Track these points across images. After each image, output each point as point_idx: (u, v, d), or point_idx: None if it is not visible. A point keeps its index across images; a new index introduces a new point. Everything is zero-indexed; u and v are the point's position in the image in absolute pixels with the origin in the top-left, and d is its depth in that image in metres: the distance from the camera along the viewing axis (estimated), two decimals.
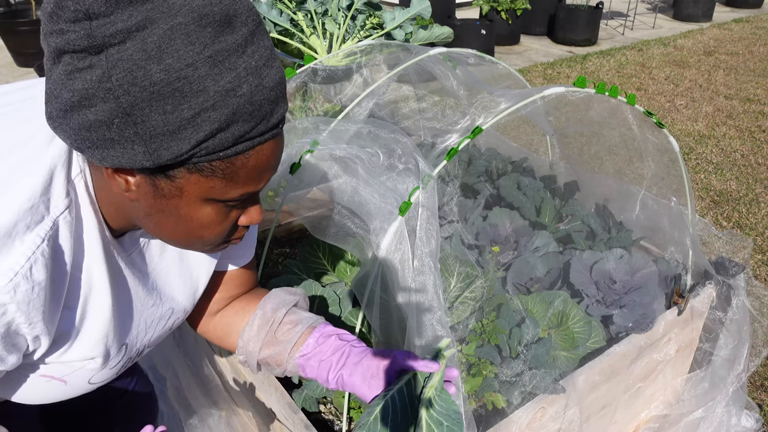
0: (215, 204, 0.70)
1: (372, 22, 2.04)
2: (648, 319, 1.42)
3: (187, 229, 0.72)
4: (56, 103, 0.60)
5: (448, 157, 1.17)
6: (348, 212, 1.23)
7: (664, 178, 1.54)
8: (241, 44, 0.61)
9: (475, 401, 1.25)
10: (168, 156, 0.61)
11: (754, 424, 1.67)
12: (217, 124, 0.61)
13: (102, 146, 0.61)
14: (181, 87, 0.58)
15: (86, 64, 0.57)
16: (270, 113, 0.65)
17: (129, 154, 0.61)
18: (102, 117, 0.59)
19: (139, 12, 0.57)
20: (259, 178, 0.69)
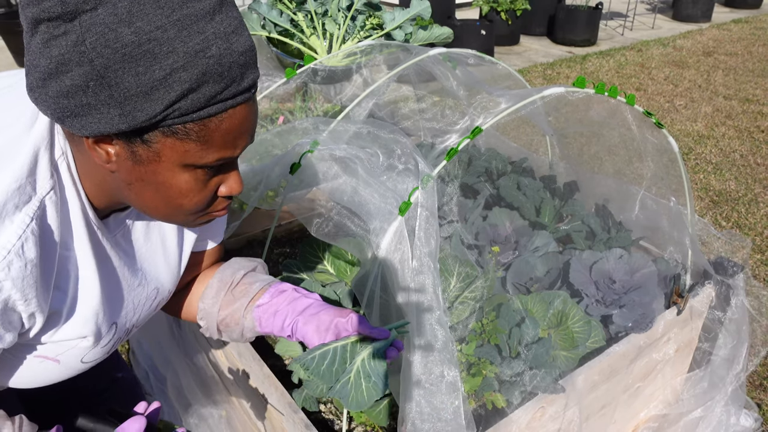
0: (193, 170, 0.71)
1: (372, 23, 2.04)
2: (647, 318, 1.42)
3: (166, 197, 0.73)
4: (35, 72, 0.63)
5: (448, 157, 1.18)
6: (348, 212, 1.23)
7: (664, 178, 1.54)
8: (209, 11, 0.63)
9: (475, 401, 1.25)
10: (143, 117, 0.63)
11: (753, 423, 1.68)
12: (187, 84, 0.62)
13: (80, 113, 0.63)
14: (152, 48, 0.60)
15: (61, 31, 0.60)
16: (240, 77, 0.66)
17: (106, 118, 0.63)
18: (78, 81, 0.61)
19: None
20: (234, 144, 0.71)
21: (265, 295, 1.01)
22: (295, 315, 0.98)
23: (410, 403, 1.07)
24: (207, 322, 1.03)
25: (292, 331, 0.98)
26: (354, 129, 1.37)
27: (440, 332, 1.10)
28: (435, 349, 1.09)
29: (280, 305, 1.00)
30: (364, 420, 1.32)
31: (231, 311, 1.01)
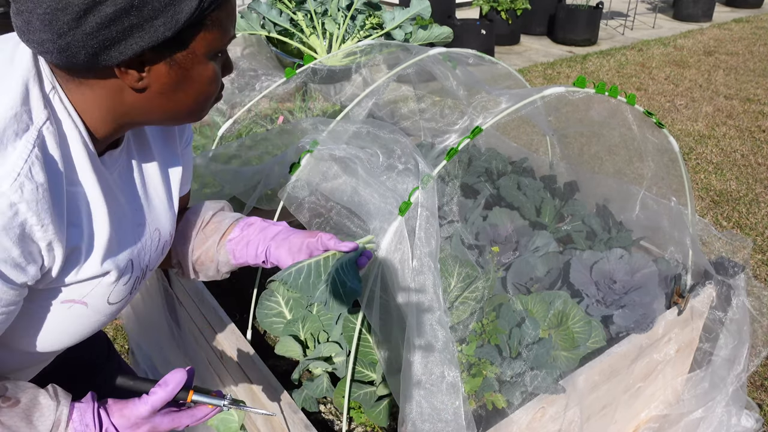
0: (214, 58, 0.78)
1: (371, 22, 2.04)
2: (648, 319, 1.42)
3: (198, 91, 0.79)
4: (64, 15, 0.65)
5: (448, 157, 1.17)
6: (348, 212, 1.23)
7: (664, 178, 1.54)
8: None
9: (475, 401, 1.25)
10: (183, 18, 0.70)
11: (754, 424, 1.67)
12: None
13: (122, 38, 0.68)
14: None
15: None
16: None
17: (150, 32, 0.68)
18: (120, 5, 0.65)
19: None
20: (234, 23, 0.80)
21: (235, 229, 1.05)
22: (266, 242, 1.03)
23: (410, 403, 1.07)
24: (181, 261, 1.07)
25: (266, 257, 1.03)
26: (354, 129, 1.37)
27: (441, 332, 1.10)
28: (435, 350, 1.09)
29: (251, 236, 1.04)
30: (364, 420, 1.32)
31: (204, 249, 1.05)
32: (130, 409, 0.80)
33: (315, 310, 1.43)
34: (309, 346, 1.40)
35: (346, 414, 1.23)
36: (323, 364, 1.34)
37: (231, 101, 2.14)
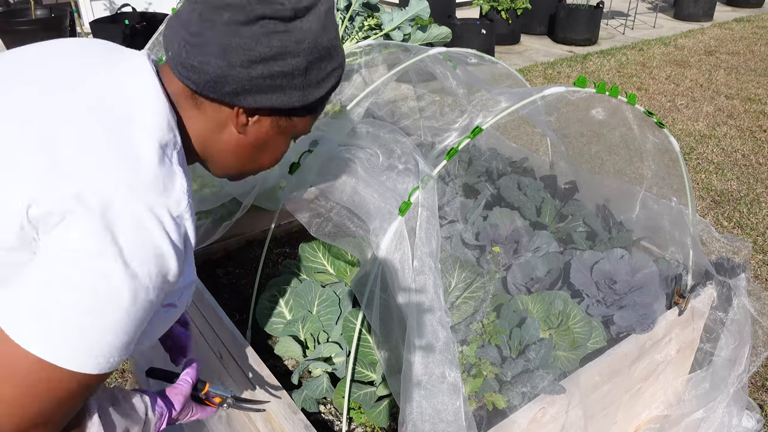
0: (294, 138, 0.91)
1: (370, 24, 2.03)
2: (649, 319, 1.41)
3: (272, 158, 0.91)
4: (242, 54, 0.75)
5: (448, 156, 1.17)
6: (347, 212, 1.23)
7: (665, 178, 1.53)
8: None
9: (476, 402, 1.25)
10: (312, 99, 0.83)
11: (755, 424, 1.67)
12: (337, 79, 0.86)
13: (268, 91, 0.79)
14: (332, 50, 0.83)
15: (283, 29, 0.76)
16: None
17: (287, 98, 0.81)
18: (287, 69, 0.78)
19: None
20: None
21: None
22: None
23: (411, 403, 1.07)
24: None
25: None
26: (354, 128, 1.37)
27: (441, 333, 1.09)
28: (436, 350, 1.09)
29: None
30: (364, 421, 1.31)
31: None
32: (178, 390, 0.98)
33: (315, 310, 1.43)
34: (309, 346, 1.39)
35: (346, 414, 1.23)
36: (323, 365, 1.33)
37: None
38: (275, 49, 0.76)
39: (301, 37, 0.77)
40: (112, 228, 0.67)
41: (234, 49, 0.75)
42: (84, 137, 0.71)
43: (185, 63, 0.78)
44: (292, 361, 1.47)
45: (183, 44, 0.77)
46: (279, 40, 0.76)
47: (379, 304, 1.16)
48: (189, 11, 0.77)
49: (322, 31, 0.79)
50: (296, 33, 0.77)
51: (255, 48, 0.75)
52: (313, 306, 1.42)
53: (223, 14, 0.75)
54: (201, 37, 0.76)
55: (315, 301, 1.43)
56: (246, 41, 0.75)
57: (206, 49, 0.76)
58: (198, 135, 0.85)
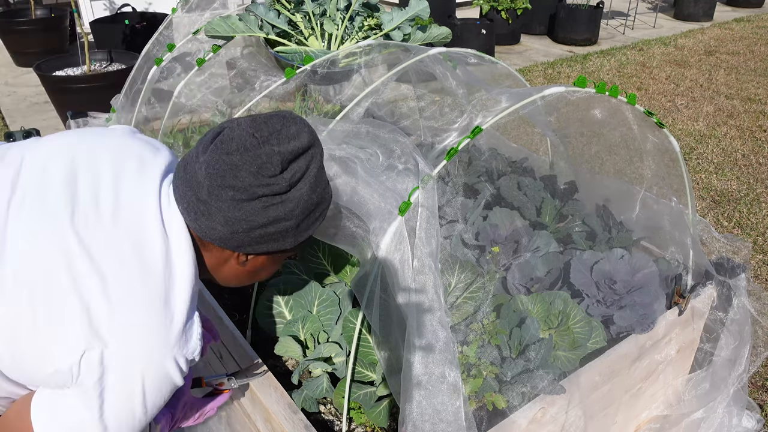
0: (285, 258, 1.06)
1: (370, 24, 2.03)
2: (649, 319, 1.41)
3: (269, 273, 1.06)
4: (244, 224, 0.88)
5: (448, 156, 1.17)
6: (347, 212, 1.22)
7: (665, 178, 1.53)
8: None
9: (476, 402, 1.25)
10: (302, 240, 0.96)
11: (755, 424, 1.67)
12: (325, 215, 0.99)
13: (264, 243, 0.92)
14: (321, 200, 0.95)
15: (279, 201, 0.88)
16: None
17: (280, 244, 0.94)
18: (281, 229, 0.91)
19: (304, 160, 0.90)
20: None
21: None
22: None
23: (411, 403, 1.06)
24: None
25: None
26: (353, 128, 1.37)
27: (441, 333, 1.09)
28: (436, 350, 1.09)
29: None
30: (364, 421, 1.31)
31: None
32: (176, 396, 1.05)
33: (315, 310, 1.43)
34: (309, 346, 1.39)
35: (346, 414, 1.23)
36: (323, 365, 1.33)
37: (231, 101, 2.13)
38: (271, 218, 0.89)
39: (294, 205, 0.90)
40: (144, 379, 0.84)
41: (237, 221, 0.88)
42: (128, 290, 0.84)
43: (194, 222, 0.90)
44: (292, 361, 1.46)
45: (192, 205, 0.89)
46: (275, 210, 0.88)
47: (379, 304, 1.16)
48: (199, 175, 0.87)
49: (312, 192, 0.92)
50: (289, 202, 0.89)
51: (255, 219, 0.88)
52: (313, 306, 1.42)
53: (228, 192, 0.86)
54: (208, 206, 0.87)
55: (315, 301, 1.42)
56: (247, 214, 0.87)
57: (212, 217, 0.88)
58: (207, 265, 0.99)
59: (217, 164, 0.85)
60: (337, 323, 1.40)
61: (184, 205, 0.90)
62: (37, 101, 4.56)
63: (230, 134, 0.87)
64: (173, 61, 2.13)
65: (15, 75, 5.19)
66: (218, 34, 1.96)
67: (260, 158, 0.85)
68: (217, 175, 0.85)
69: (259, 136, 0.87)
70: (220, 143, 0.87)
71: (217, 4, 2.43)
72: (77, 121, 2.43)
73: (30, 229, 0.85)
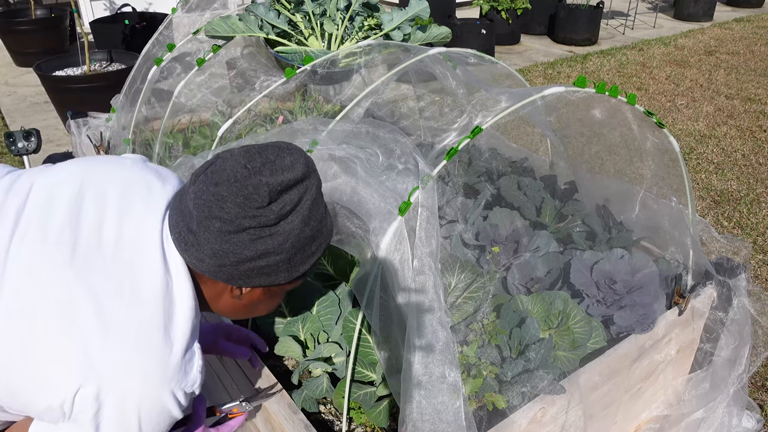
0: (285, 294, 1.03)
1: (370, 24, 2.03)
2: (649, 319, 1.41)
3: (268, 308, 1.03)
4: (232, 257, 0.86)
5: (448, 156, 1.17)
6: (347, 212, 1.23)
7: (665, 178, 1.53)
8: (325, 206, 0.95)
9: (476, 402, 1.25)
10: (297, 275, 0.92)
11: (755, 424, 1.67)
12: (323, 250, 0.94)
13: (255, 277, 0.89)
14: (316, 234, 0.91)
15: (268, 233, 0.85)
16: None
17: (273, 279, 0.90)
18: (272, 263, 0.87)
19: (296, 192, 0.86)
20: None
21: None
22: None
23: (411, 403, 1.07)
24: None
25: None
26: (353, 128, 1.37)
27: (441, 333, 1.09)
28: (436, 350, 1.09)
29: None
30: (364, 421, 1.31)
31: None
32: (195, 427, 1.06)
33: (315, 310, 1.43)
34: (309, 346, 1.39)
35: (346, 414, 1.23)
36: (323, 365, 1.33)
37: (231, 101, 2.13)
38: (260, 251, 0.86)
39: (284, 239, 0.86)
40: (140, 413, 0.84)
41: (224, 253, 0.85)
42: (125, 325, 0.83)
43: (184, 253, 0.88)
44: (292, 361, 1.46)
45: (183, 236, 0.87)
46: (263, 244, 0.85)
47: (379, 304, 1.16)
48: (190, 205, 0.86)
49: (305, 226, 0.88)
50: (279, 235, 0.85)
51: (242, 252, 0.85)
52: (313, 306, 1.42)
53: (215, 223, 0.84)
54: (197, 237, 0.86)
55: (315, 301, 1.42)
56: (234, 247, 0.85)
57: (201, 248, 0.86)
58: (204, 297, 0.98)
59: (205, 195, 0.84)
60: (337, 323, 1.40)
61: (176, 236, 0.89)
62: (37, 101, 4.56)
63: (222, 165, 0.85)
64: (173, 61, 2.13)
65: (15, 75, 5.19)
66: (218, 34, 1.96)
67: (247, 189, 0.83)
68: (205, 206, 0.84)
69: (251, 166, 0.84)
70: (210, 173, 0.85)
71: (217, 4, 2.43)
72: (77, 121, 2.43)
73: (29, 265, 0.85)
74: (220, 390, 1.53)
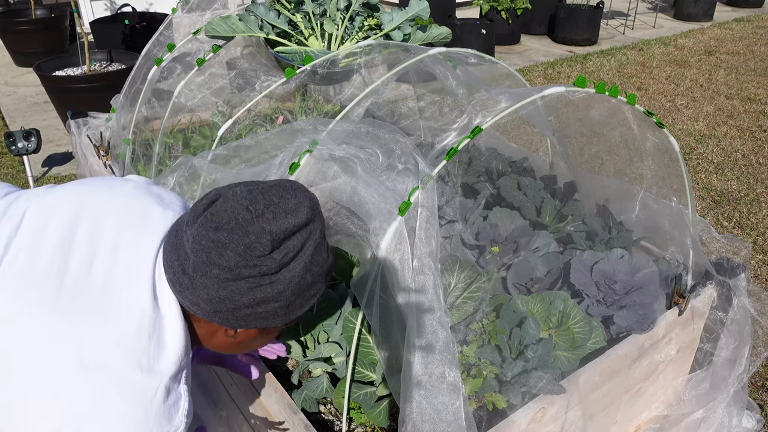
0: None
1: (370, 24, 2.03)
2: (648, 319, 1.41)
3: (263, 343, 1.01)
4: (229, 303, 0.83)
5: (448, 156, 1.17)
6: (347, 212, 1.23)
7: (665, 178, 1.53)
8: (327, 249, 0.91)
9: (476, 402, 1.25)
10: (293, 317, 0.90)
11: (755, 424, 1.67)
12: (321, 292, 0.91)
13: (251, 321, 0.86)
14: (316, 280, 0.88)
15: (268, 282, 0.82)
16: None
17: (270, 322, 0.87)
18: (270, 310, 0.85)
19: (299, 237, 0.83)
20: None
21: None
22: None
23: (410, 403, 1.07)
24: None
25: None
26: (353, 129, 1.37)
27: (441, 333, 1.09)
28: (436, 350, 1.09)
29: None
30: (364, 421, 1.31)
31: None
32: None
33: (315, 310, 1.43)
34: (309, 346, 1.39)
35: (346, 414, 1.23)
36: (323, 365, 1.33)
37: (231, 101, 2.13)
38: (258, 299, 0.83)
39: (284, 287, 0.83)
40: None
41: (221, 300, 0.83)
42: (105, 362, 0.80)
43: (179, 295, 0.86)
44: (292, 361, 1.47)
45: (178, 277, 0.85)
46: (262, 292, 0.82)
47: (379, 304, 1.16)
48: (186, 247, 0.83)
49: (306, 272, 0.85)
50: (279, 283, 0.83)
51: (240, 300, 0.82)
52: (313, 306, 1.42)
53: (213, 270, 0.81)
54: (193, 281, 0.83)
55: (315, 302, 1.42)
56: (232, 294, 0.82)
57: (197, 293, 0.83)
58: (198, 335, 0.96)
59: (204, 240, 0.80)
60: (337, 323, 1.40)
61: (170, 276, 0.86)
62: (37, 101, 4.56)
63: (223, 206, 0.82)
64: (173, 61, 2.13)
65: (15, 75, 5.19)
66: (218, 34, 1.96)
67: (248, 237, 0.79)
68: (203, 252, 0.80)
69: (253, 209, 0.81)
70: (210, 215, 0.82)
71: (218, 4, 2.43)
72: (77, 121, 2.43)
73: (13, 295, 0.82)
74: (220, 390, 1.53)
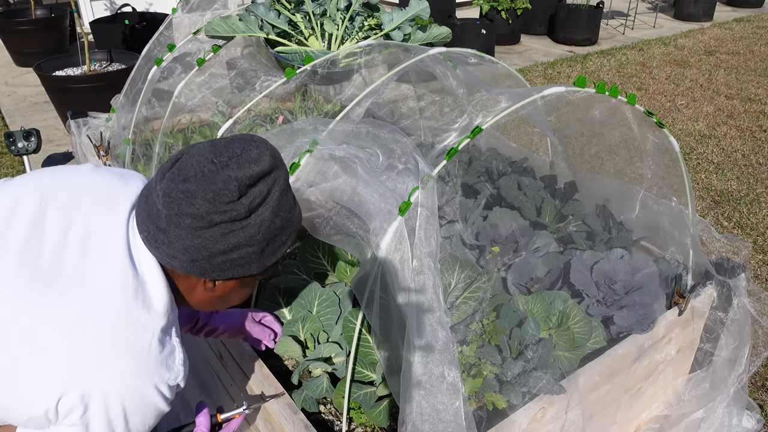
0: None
1: (370, 24, 2.03)
2: (649, 319, 1.41)
3: (242, 297, 1.04)
4: (204, 251, 0.87)
5: (448, 156, 1.17)
6: (347, 212, 1.23)
7: (665, 178, 1.53)
8: (293, 197, 0.97)
9: (476, 402, 1.25)
10: (269, 264, 0.94)
11: (755, 424, 1.67)
12: (293, 239, 0.96)
13: (228, 269, 0.90)
14: (287, 224, 0.93)
15: (239, 227, 0.86)
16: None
17: (245, 270, 0.92)
18: (244, 255, 0.89)
19: (264, 184, 0.87)
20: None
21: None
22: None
23: (410, 403, 1.07)
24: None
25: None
26: (353, 128, 1.37)
27: (441, 333, 1.09)
28: (436, 350, 1.09)
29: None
30: (363, 421, 1.31)
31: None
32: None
33: (315, 310, 1.43)
34: (309, 346, 1.39)
35: (346, 414, 1.23)
36: (323, 365, 1.33)
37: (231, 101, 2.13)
38: (232, 245, 0.87)
39: (255, 231, 0.88)
40: (124, 408, 0.86)
41: (196, 248, 0.87)
42: (99, 328, 0.85)
43: (155, 251, 0.89)
44: (292, 361, 1.47)
45: (152, 234, 0.88)
46: (235, 237, 0.87)
47: (379, 304, 1.16)
48: (158, 203, 0.86)
49: (275, 217, 0.89)
50: (250, 228, 0.87)
51: (214, 246, 0.87)
52: (313, 306, 1.42)
53: (186, 220, 0.84)
54: (167, 235, 0.86)
55: (315, 301, 1.43)
56: (206, 242, 0.86)
57: (173, 245, 0.87)
58: (176, 289, 0.98)
59: (173, 192, 0.84)
60: (337, 323, 1.40)
61: (145, 234, 0.89)
62: (37, 101, 4.56)
63: (188, 160, 0.86)
64: (173, 62, 2.13)
65: (15, 75, 5.19)
66: (218, 35, 1.96)
67: (216, 185, 0.83)
68: (174, 203, 0.84)
69: (218, 161, 0.85)
70: (177, 170, 0.85)
71: (218, 4, 2.43)
72: (77, 121, 2.43)
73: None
74: (220, 390, 1.53)
